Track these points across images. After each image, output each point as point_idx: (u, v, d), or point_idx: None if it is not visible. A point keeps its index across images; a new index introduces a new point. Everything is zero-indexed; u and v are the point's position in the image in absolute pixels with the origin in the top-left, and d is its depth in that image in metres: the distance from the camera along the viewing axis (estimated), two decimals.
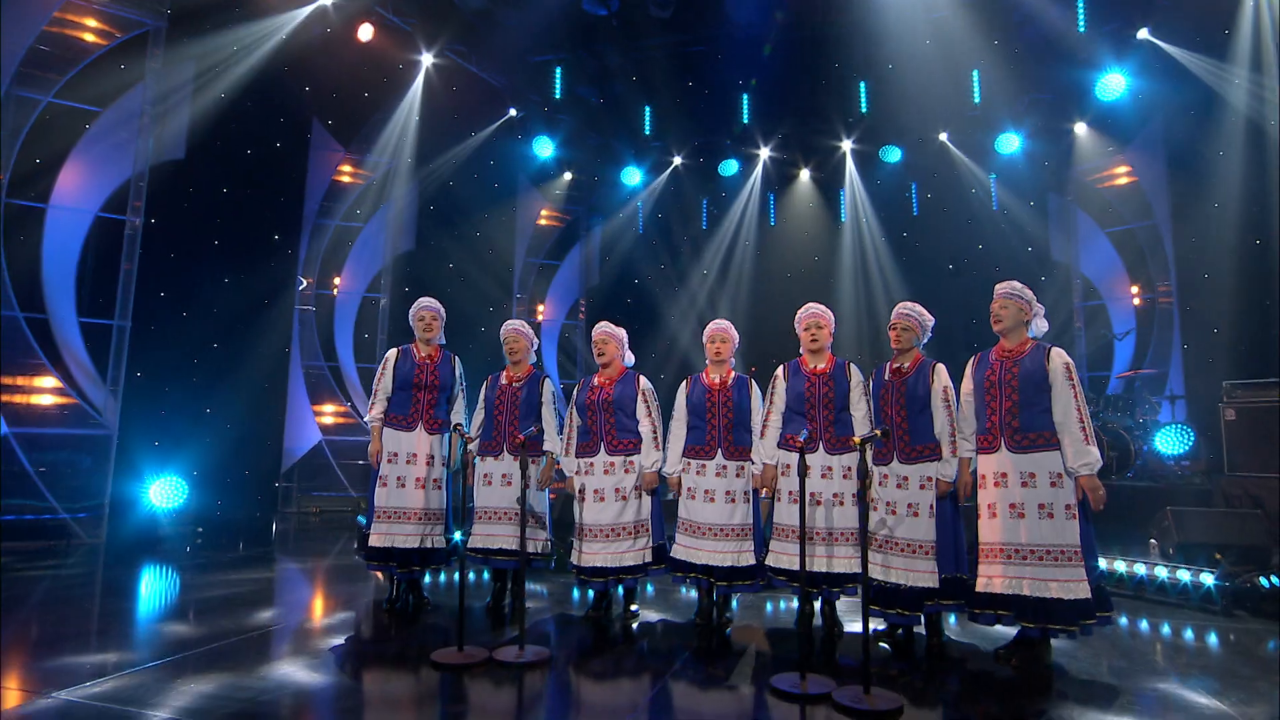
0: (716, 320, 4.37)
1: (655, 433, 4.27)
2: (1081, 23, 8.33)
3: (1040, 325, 3.65)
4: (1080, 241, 10.02)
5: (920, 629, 3.78)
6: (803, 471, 3.20)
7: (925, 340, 3.93)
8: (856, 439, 3.09)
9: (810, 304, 4.18)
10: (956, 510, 3.72)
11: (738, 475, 4.09)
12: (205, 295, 8.58)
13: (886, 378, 3.91)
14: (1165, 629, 4.22)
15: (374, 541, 4.37)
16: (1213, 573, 4.53)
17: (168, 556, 6.34)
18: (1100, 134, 9.40)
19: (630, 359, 4.54)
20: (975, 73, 9.60)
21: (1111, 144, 9.43)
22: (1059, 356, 3.47)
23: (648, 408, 4.32)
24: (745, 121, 10.65)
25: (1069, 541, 3.31)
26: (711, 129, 10.93)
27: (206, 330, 8.48)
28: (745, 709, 2.93)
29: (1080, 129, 9.45)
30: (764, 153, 10.98)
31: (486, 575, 5.54)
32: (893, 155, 10.53)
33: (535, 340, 4.70)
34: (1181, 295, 8.91)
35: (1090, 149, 9.59)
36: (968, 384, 3.73)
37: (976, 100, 9.64)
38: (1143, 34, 8.00)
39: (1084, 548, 3.32)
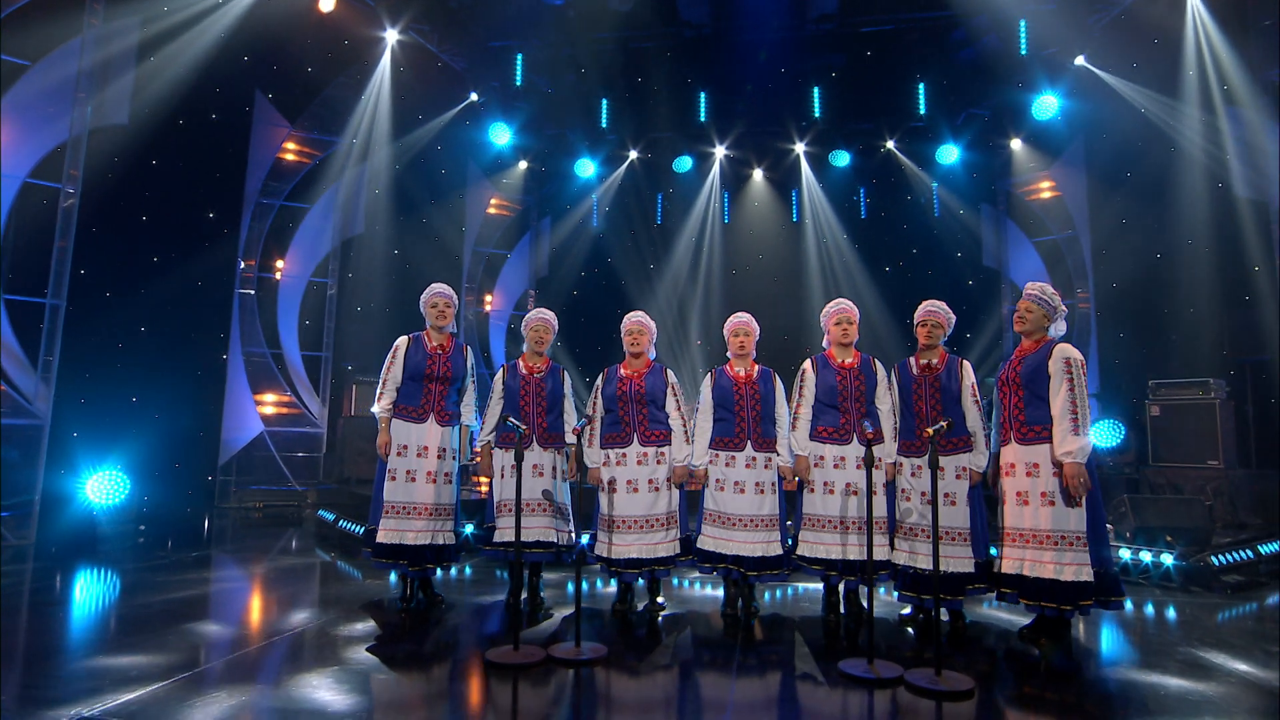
0: (739, 314, 4.44)
1: (685, 425, 4.31)
2: (1023, 46, 8.94)
3: (1060, 327, 3.92)
4: (1009, 249, 10.77)
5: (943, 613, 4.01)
6: (870, 463, 3.33)
7: (949, 335, 4.16)
8: (929, 431, 3.24)
9: (839, 299, 4.32)
10: (983, 499, 3.96)
11: (766, 467, 4.19)
12: (140, 274, 7.95)
13: (915, 373, 4.11)
14: (1149, 608, 4.61)
15: (383, 538, 4.20)
16: (1172, 554, 5.02)
17: (107, 558, 5.81)
18: (1033, 150, 10.13)
19: (653, 352, 4.55)
20: (921, 85, 10.13)
21: (1041, 160, 10.19)
22: (1060, 352, 3.70)
23: (677, 401, 4.36)
24: (702, 119, 10.80)
25: (1071, 527, 3.55)
26: (668, 125, 11.01)
27: (140, 311, 7.88)
28: (833, 696, 3.01)
29: (1016, 144, 10.15)
30: (719, 151, 11.16)
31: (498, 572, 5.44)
32: (841, 160, 10.95)
33: (556, 329, 4.62)
34: (1098, 301, 9.75)
35: (1023, 163, 10.32)
36: (996, 385, 3.97)
37: (922, 111, 10.17)
38: (1079, 60, 8.67)
39: (1091, 535, 3.57)
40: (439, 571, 4.51)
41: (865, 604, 4.21)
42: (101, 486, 6.67)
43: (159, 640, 3.69)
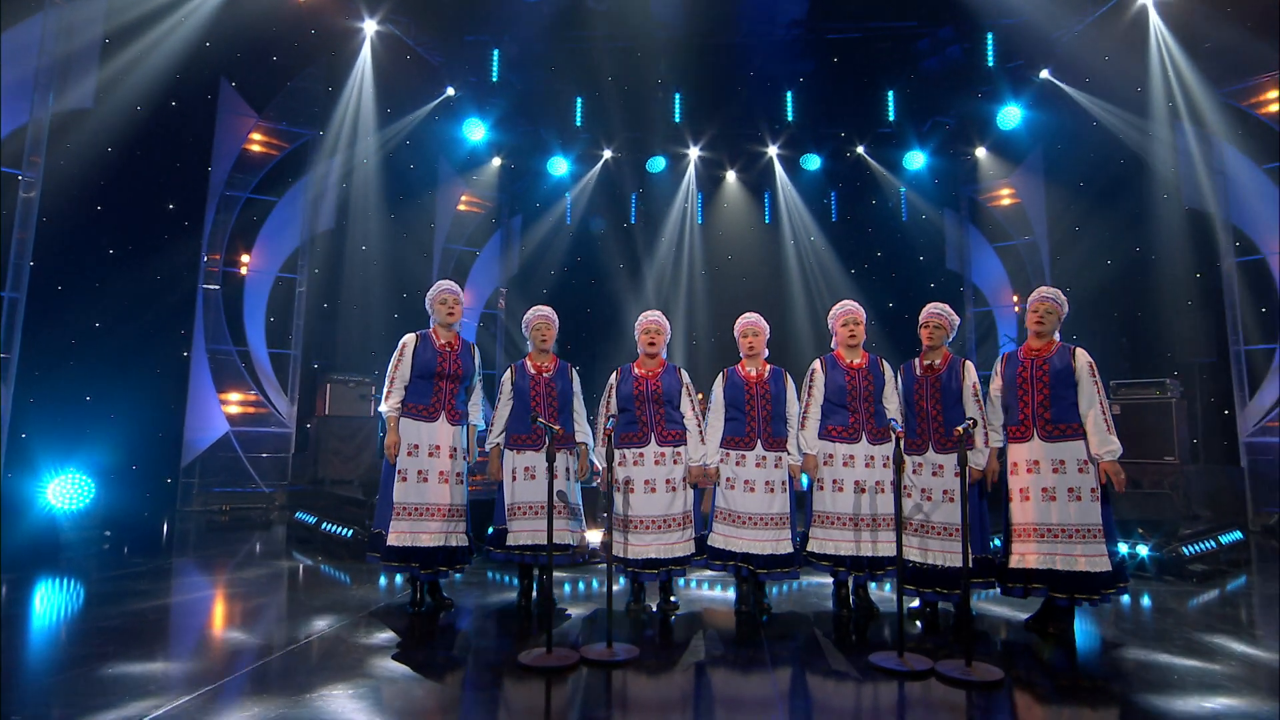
0: (747, 314, 4.49)
1: (699, 425, 4.35)
2: (990, 58, 9.28)
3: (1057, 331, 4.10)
4: (972, 253, 11.16)
5: (947, 606, 4.15)
6: (899, 461, 3.43)
7: (953, 338, 4.30)
8: (959, 430, 3.35)
9: (846, 301, 4.43)
10: (982, 496, 4.11)
11: (776, 465, 4.26)
12: (97, 267, 7.59)
13: (918, 373, 4.24)
14: (1125, 598, 4.84)
15: (394, 541, 4.10)
16: (1147, 545, 5.30)
17: (71, 567, 5.52)
18: (996, 158, 10.52)
19: (665, 351, 4.56)
20: (890, 93, 10.40)
21: (1003, 167, 10.59)
22: (1083, 356, 3.93)
23: (691, 400, 4.40)
24: (677, 120, 10.86)
25: (1093, 521, 3.78)
26: (642, 125, 11.04)
27: (97, 306, 7.54)
28: (872, 689, 3.08)
29: (981, 152, 10.51)
30: (694, 152, 11.25)
31: (506, 577, 5.40)
32: (812, 163, 11.17)
33: (557, 325, 4.59)
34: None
35: (985, 170, 10.71)
36: (997, 381, 4.13)
37: (890, 118, 10.45)
38: (1044, 74, 9.04)
39: (1105, 527, 3.79)
40: (451, 575, 4.43)
41: (873, 599, 4.36)
42: (63, 490, 6.35)
43: (166, 652, 3.55)
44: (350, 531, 5.90)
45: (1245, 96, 8.13)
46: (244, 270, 9.22)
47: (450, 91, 9.78)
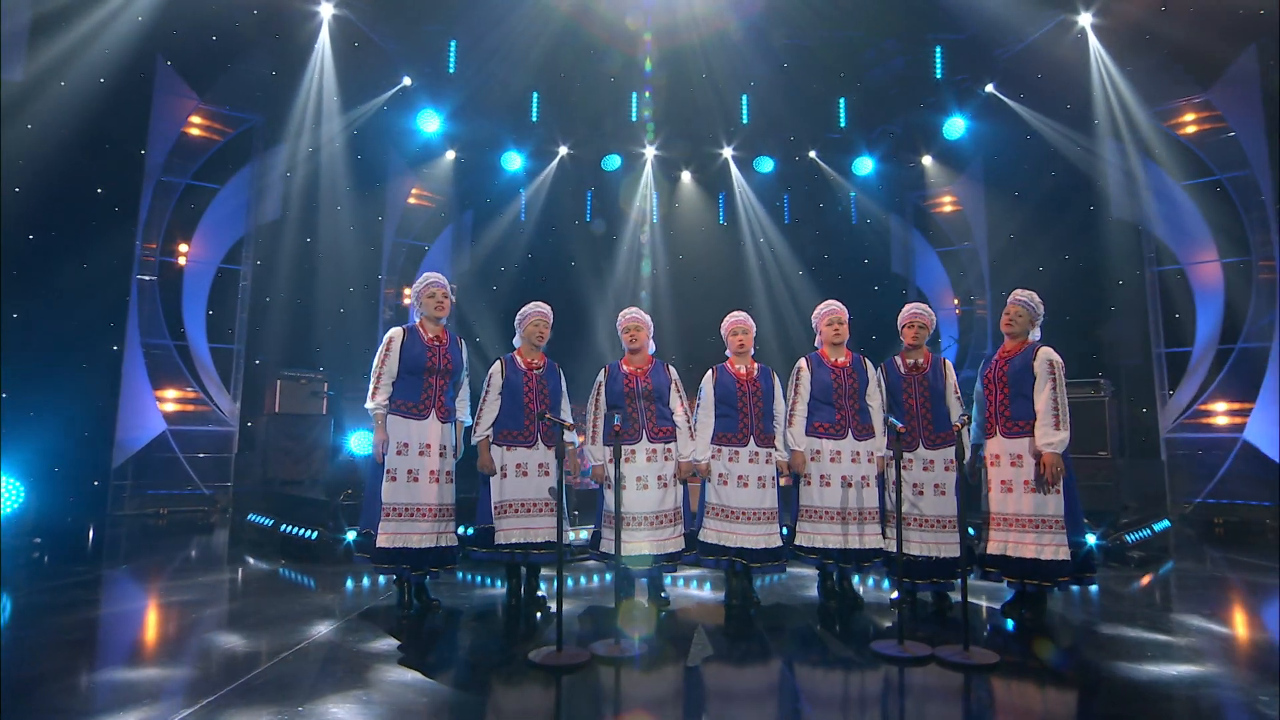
0: (736, 313, 4.56)
1: (689, 421, 4.40)
2: (939, 70, 9.68)
3: (1036, 332, 4.33)
4: (916, 258, 11.61)
5: (925, 595, 4.33)
6: (899, 456, 3.55)
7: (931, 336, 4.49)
8: (957, 425, 3.49)
9: (830, 301, 4.55)
10: (963, 488, 4.31)
11: (767, 461, 4.35)
12: (21, 254, 7.09)
13: (903, 372, 4.41)
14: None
15: (384, 542, 3.99)
16: (1095, 534, 5.65)
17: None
18: (941, 166, 10.97)
19: (653, 346, 4.58)
20: (842, 100, 10.72)
21: (946, 175, 11.05)
22: (1045, 354, 4.15)
23: (680, 396, 4.44)
24: (634, 119, 10.89)
25: (1050, 512, 3.98)
26: (599, 122, 11.02)
27: (21, 296, 7.03)
28: (881, 674, 3.20)
29: (927, 160, 10.94)
30: (650, 151, 11.30)
31: (491, 578, 5.30)
32: (765, 166, 11.39)
33: (551, 322, 4.55)
34: (994, 309, 10.72)
35: (930, 178, 11.16)
36: (979, 382, 4.34)
37: (842, 124, 10.77)
38: (989, 88, 9.49)
39: (1068, 518, 4.01)
40: (440, 575, 4.33)
41: (855, 590, 4.50)
42: None
43: (153, 663, 3.35)
44: (315, 533, 5.69)
45: (1167, 118, 8.74)
46: (182, 260, 8.73)
47: (407, 81, 9.51)
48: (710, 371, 4.49)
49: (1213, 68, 8.36)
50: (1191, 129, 8.68)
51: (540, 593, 4.45)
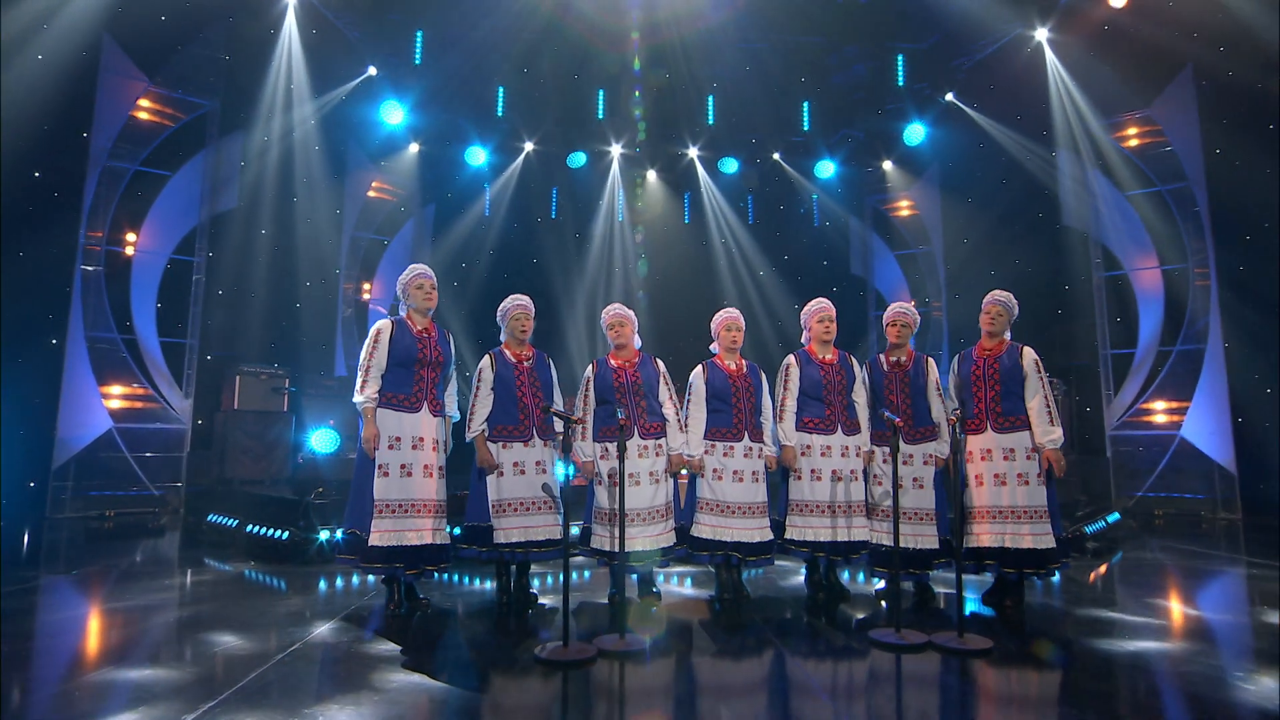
0: (729, 309, 4.61)
1: (679, 415, 4.41)
2: (900, 78, 9.96)
3: (1007, 332, 4.50)
4: (874, 259, 11.90)
5: (907, 585, 4.45)
6: (896, 449, 3.64)
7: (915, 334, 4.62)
8: (953, 418, 3.59)
9: (820, 299, 4.63)
10: (944, 483, 4.44)
11: (758, 456, 4.40)
12: None
13: (886, 369, 4.52)
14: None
15: (378, 541, 3.86)
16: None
17: None
18: (901, 171, 11.28)
19: (638, 341, 4.58)
20: (806, 104, 10.92)
21: (904, 180, 11.37)
22: (1030, 354, 4.33)
23: (670, 390, 4.45)
24: (600, 117, 10.88)
25: (1040, 503, 4.18)
26: (565, 119, 10.97)
27: None
28: (884, 660, 3.28)
29: (888, 165, 11.24)
30: (616, 149, 11.29)
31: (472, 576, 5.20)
32: (729, 166, 11.52)
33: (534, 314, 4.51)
34: (949, 310, 11.08)
35: (891, 183, 11.46)
36: (954, 378, 4.47)
37: (805, 128, 10.97)
38: (949, 96, 9.81)
39: (1050, 508, 4.19)
40: (433, 574, 4.23)
41: (840, 582, 4.59)
42: None
43: (149, 666, 3.19)
44: (285, 533, 5.49)
45: (1113, 130, 9.19)
46: (130, 250, 8.32)
47: (372, 71, 9.28)
48: (700, 367, 4.51)
49: (1154, 85, 8.82)
50: (1135, 142, 9.14)
51: (533, 589, 4.40)
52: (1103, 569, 5.54)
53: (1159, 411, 8.85)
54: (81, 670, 3.17)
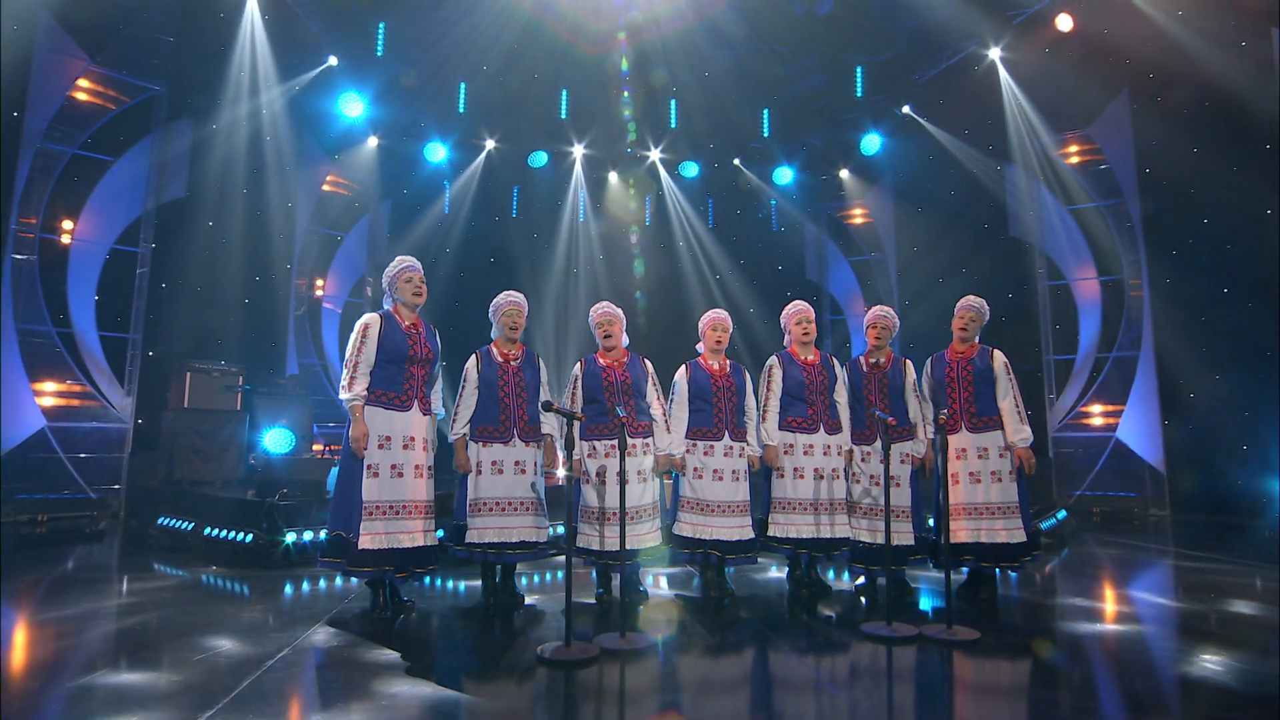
0: (717, 310, 4.66)
1: (665, 415, 4.43)
2: (859, 89, 10.24)
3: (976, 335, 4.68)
4: (829, 265, 12.19)
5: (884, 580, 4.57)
6: (888, 448, 3.73)
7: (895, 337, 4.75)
8: (942, 417, 3.71)
9: (798, 301, 4.73)
10: (920, 481, 4.58)
11: (740, 455, 4.45)
12: None
13: (865, 370, 4.64)
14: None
15: (368, 543, 3.73)
16: None
17: None
18: (857, 179, 11.58)
19: (625, 340, 4.57)
20: (766, 111, 11.12)
21: (859, 188, 11.68)
22: (1000, 357, 4.52)
23: (656, 390, 4.46)
24: (563, 117, 10.82)
25: (1012, 499, 4.36)
26: (527, 118, 10.87)
27: None
28: (880, 652, 3.37)
29: (844, 174, 11.53)
30: (579, 150, 11.26)
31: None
32: (690, 170, 11.63)
33: (527, 310, 4.46)
34: (901, 315, 11.40)
35: (846, 191, 11.76)
36: (928, 380, 4.63)
37: (765, 134, 11.17)
38: (905, 109, 10.13)
39: (1021, 504, 4.38)
40: (423, 577, 4.13)
41: (822, 578, 4.69)
42: None
43: (150, 671, 3.01)
44: (249, 536, 5.27)
45: (1057, 147, 9.66)
46: (67, 239, 7.86)
47: (333, 61, 9.00)
48: (684, 367, 4.54)
49: (1095, 106, 9.31)
50: (1076, 159, 9.62)
51: (519, 590, 4.34)
52: (1062, 560, 5.82)
53: (1096, 414, 9.32)
54: (56, 678, 2.98)
